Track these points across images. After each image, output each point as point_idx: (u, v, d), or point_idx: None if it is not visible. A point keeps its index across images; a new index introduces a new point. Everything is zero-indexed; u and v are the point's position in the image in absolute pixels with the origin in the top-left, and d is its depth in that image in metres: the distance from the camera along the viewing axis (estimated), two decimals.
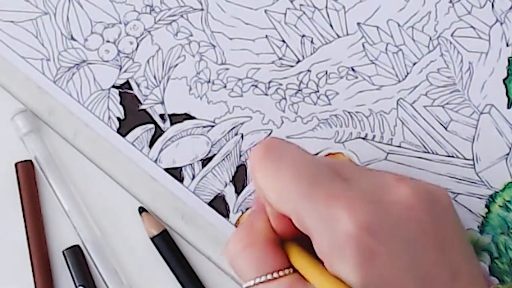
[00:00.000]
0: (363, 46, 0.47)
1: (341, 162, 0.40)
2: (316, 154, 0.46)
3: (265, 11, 0.48)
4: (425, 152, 0.45)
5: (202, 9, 0.48)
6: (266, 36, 0.48)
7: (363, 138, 0.46)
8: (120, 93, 0.47)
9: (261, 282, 0.37)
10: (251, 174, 0.39)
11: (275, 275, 0.37)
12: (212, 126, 0.46)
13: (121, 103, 0.47)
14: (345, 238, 0.34)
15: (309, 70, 0.47)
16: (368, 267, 0.34)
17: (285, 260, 0.38)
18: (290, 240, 0.39)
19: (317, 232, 0.35)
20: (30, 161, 0.46)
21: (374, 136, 0.46)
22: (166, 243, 0.45)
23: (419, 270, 0.35)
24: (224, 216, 0.45)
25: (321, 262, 0.36)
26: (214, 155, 0.46)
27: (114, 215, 0.46)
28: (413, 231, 0.35)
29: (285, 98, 0.47)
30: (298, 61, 0.47)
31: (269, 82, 0.47)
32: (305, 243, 0.38)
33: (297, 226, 0.37)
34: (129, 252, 0.45)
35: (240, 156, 0.46)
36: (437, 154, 0.45)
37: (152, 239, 0.45)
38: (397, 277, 0.34)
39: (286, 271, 0.37)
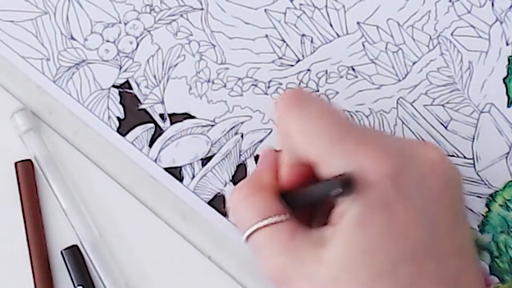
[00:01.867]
0: (363, 46, 0.47)
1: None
2: None
3: (265, 10, 0.48)
4: None
5: (202, 9, 0.48)
6: (266, 36, 0.48)
7: None
8: (120, 93, 0.47)
9: (267, 225, 0.37)
10: (277, 121, 0.39)
11: (277, 218, 0.37)
12: (212, 126, 0.46)
13: (121, 102, 0.47)
14: (371, 186, 0.35)
15: (309, 70, 0.47)
16: (387, 218, 0.34)
17: (287, 208, 0.38)
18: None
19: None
20: (30, 160, 0.46)
21: None
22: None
23: (433, 229, 0.35)
24: (224, 215, 0.45)
25: None
26: (214, 154, 0.46)
27: (114, 215, 0.46)
28: (435, 190, 0.36)
29: None
30: (298, 61, 0.47)
31: (269, 81, 0.47)
32: (307, 215, 0.39)
33: (321, 171, 0.37)
34: (128, 252, 0.45)
35: (240, 155, 0.46)
36: None
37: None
38: (412, 231, 0.35)
39: (289, 215, 0.38)
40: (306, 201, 0.39)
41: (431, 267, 0.35)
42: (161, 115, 0.47)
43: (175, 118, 0.46)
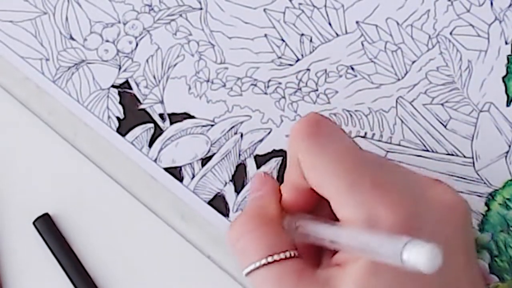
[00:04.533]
0: (362, 45, 0.47)
1: (383, 157, 0.40)
2: None
3: (264, 10, 0.48)
4: (424, 150, 0.45)
5: (201, 9, 0.48)
6: (265, 35, 0.48)
7: (363, 137, 0.46)
8: (119, 93, 0.47)
9: (273, 261, 0.36)
10: (290, 147, 0.38)
11: (287, 254, 0.36)
12: (212, 125, 0.46)
13: (120, 102, 0.47)
14: (386, 231, 0.34)
15: (308, 69, 0.47)
16: None
17: (293, 244, 0.37)
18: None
19: (355, 221, 0.35)
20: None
21: (373, 135, 0.46)
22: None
23: (448, 270, 0.34)
24: (224, 215, 0.45)
25: None
26: (214, 154, 0.46)
27: (113, 215, 0.46)
28: (449, 231, 0.35)
29: (284, 97, 0.47)
30: (297, 60, 0.47)
31: (269, 81, 0.47)
32: None
33: (333, 209, 0.36)
34: (128, 252, 0.45)
35: (240, 155, 0.46)
36: (436, 152, 0.45)
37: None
38: (427, 276, 0.34)
39: (293, 252, 0.37)
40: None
41: None
42: (161, 115, 0.47)
43: (174, 118, 0.46)
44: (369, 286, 0.34)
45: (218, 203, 0.45)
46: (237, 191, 0.45)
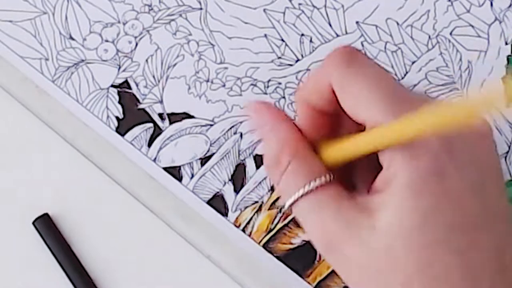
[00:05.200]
0: (362, 45, 0.47)
1: None
2: None
3: (264, 10, 0.48)
4: None
5: (201, 8, 0.48)
6: (265, 35, 0.48)
7: None
8: (118, 92, 0.47)
9: (311, 190, 0.36)
10: (321, 70, 0.37)
11: (327, 178, 0.36)
12: (211, 125, 0.46)
13: (119, 102, 0.47)
14: (424, 154, 0.34)
15: (308, 69, 0.47)
16: (440, 187, 0.34)
17: (326, 168, 0.37)
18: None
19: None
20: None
21: None
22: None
23: (485, 196, 0.35)
24: (223, 215, 0.45)
25: None
26: (213, 154, 0.46)
27: (113, 215, 0.46)
28: (484, 158, 0.36)
29: (284, 97, 0.47)
30: (297, 60, 0.47)
31: (268, 81, 0.47)
32: None
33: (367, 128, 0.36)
34: (127, 252, 0.45)
35: (239, 155, 0.46)
36: None
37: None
38: (465, 200, 0.34)
39: (333, 176, 0.36)
40: (348, 159, 0.37)
41: (482, 238, 0.34)
42: (160, 115, 0.47)
43: (174, 117, 0.46)
44: (409, 207, 0.34)
45: (217, 203, 0.45)
46: (236, 191, 0.45)
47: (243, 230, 0.45)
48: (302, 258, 0.44)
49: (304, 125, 0.38)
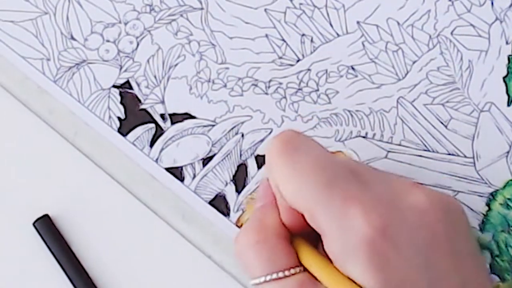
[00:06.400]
0: (363, 45, 0.47)
1: (359, 163, 0.40)
2: None
3: (265, 10, 0.48)
4: (425, 150, 0.45)
5: (202, 8, 0.48)
6: (266, 35, 0.48)
7: (363, 137, 0.46)
8: (120, 93, 0.47)
9: (272, 279, 0.37)
10: (267, 167, 0.39)
11: (286, 273, 0.37)
12: (213, 126, 0.46)
13: (121, 102, 0.47)
14: (360, 241, 0.34)
15: (309, 69, 0.47)
16: (383, 271, 0.34)
17: (295, 258, 0.38)
18: (299, 237, 0.38)
19: (330, 232, 0.35)
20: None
21: (374, 135, 0.46)
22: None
23: (432, 274, 0.35)
24: (225, 215, 0.45)
25: (331, 260, 0.36)
26: (215, 154, 0.46)
27: (114, 215, 0.46)
28: (427, 237, 0.36)
29: (285, 97, 0.47)
30: (298, 60, 0.47)
31: (269, 81, 0.47)
32: (313, 238, 0.38)
33: (310, 223, 0.37)
34: (128, 252, 0.45)
35: (241, 155, 0.46)
36: (437, 152, 0.45)
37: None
38: (412, 280, 0.34)
39: (297, 269, 0.37)
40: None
41: None
42: (162, 115, 0.47)
43: (175, 118, 0.46)
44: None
45: (219, 203, 0.45)
46: (238, 191, 0.45)
47: None
48: None
49: (284, 217, 0.39)
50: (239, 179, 0.46)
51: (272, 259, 0.37)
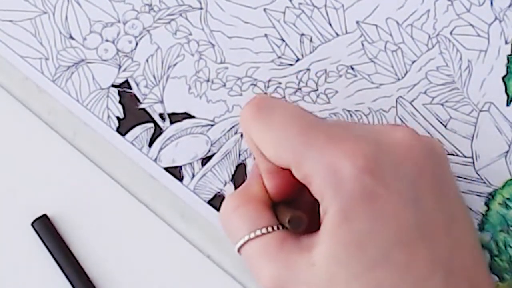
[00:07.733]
0: (362, 45, 0.47)
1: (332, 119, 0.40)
2: None
3: (264, 10, 0.48)
4: None
5: (201, 8, 0.48)
6: (265, 35, 0.48)
7: None
8: (119, 92, 0.47)
9: (256, 236, 0.37)
10: (244, 135, 0.40)
11: (269, 229, 0.37)
12: (212, 125, 0.46)
13: (120, 102, 0.47)
14: (347, 181, 0.34)
15: (308, 69, 0.47)
16: (371, 208, 0.34)
17: (277, 220, 0.38)
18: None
19: (317, 176, 0.35)
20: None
21: None
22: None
23: (420, 211, 0.35)
24: None
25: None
26: (214, 154, 0.46)
27: (113, 215, 0.46)
28: (413, 171, 0.36)
29: (284, 97, 0.47)
30: (297, 60, 0.47)
31: (269, 81, 0.47)
32: (295, 207, 0.39)
33: (296, 175, 0.37)
34: (127, 252, 0.45)
35: (240, 154, 0.46)
36: None
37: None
38: (399, 215, 0.34)
39: (280, 226, 0.38)
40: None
41: (423, 248, 0.35)
42: (161, 115, 0.47)
43: (174, 117, 0.46)
44: (342, 234, 0.34)
45: (218, 203, 0.45)
46: None
47: None
48: None
49: (268, 187, 0.40)
50: (238, 178, 0.46)
51: (254, 218, 0.38)
